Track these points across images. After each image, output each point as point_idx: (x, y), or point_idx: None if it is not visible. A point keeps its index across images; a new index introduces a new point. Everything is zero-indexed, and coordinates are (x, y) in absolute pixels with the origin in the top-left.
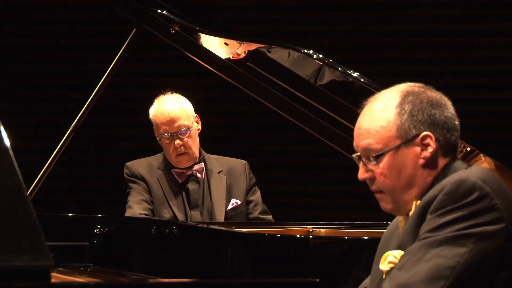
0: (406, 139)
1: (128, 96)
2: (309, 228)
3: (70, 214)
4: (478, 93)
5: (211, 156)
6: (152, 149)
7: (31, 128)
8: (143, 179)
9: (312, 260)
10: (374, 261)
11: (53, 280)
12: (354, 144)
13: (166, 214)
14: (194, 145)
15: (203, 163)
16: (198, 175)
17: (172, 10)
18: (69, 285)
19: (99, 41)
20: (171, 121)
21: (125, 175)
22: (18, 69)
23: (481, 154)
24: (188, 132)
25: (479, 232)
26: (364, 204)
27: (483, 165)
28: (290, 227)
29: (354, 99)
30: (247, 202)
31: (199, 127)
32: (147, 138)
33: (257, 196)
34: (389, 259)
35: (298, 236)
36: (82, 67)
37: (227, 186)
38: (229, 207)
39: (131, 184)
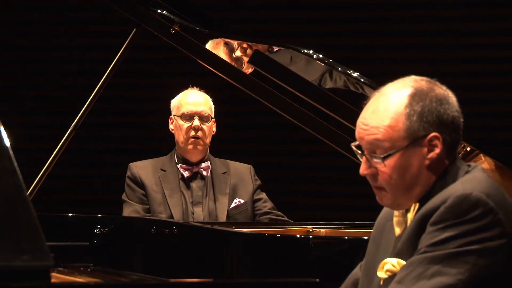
0: (414, 139)
1: (128, 96)
2: (309, 228)
3: (70, 214)
4: (478, 93)
5: (217, 159)
6: (152, 149)
7: (31, 128)
8: (142, 183)
9: (312, 260)
10: (367, 251)
11: (53, 280)
12: (358, 137)
13: (162, 214)
14: (208, 139)
15: (209, 162)
16: (204, 172)
17: (172, 10)
18: (69, 285)
19: (99, 41)
20: (197, 103)
21: (127, 177)
22: (18, 69)
23: (481, 154)
24: (209, 121)
25: (481, 249)
26: (364, 204)
27: (483, 165)
28: (290, 227)
29: (354, 99)
30: (255, 201)
31: (214, 129)
32: (147, 138)
33: (264, 194)
34: (386, 267)
35: (298, 236)
36: (82, 67)
37: (231, 186)
38: (232, 205)
39: (128, 190)
